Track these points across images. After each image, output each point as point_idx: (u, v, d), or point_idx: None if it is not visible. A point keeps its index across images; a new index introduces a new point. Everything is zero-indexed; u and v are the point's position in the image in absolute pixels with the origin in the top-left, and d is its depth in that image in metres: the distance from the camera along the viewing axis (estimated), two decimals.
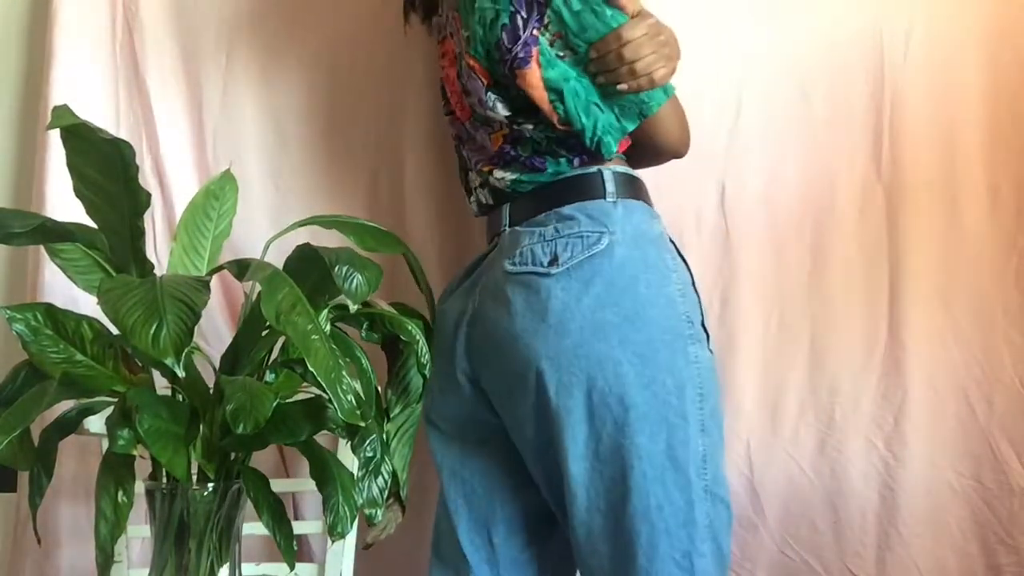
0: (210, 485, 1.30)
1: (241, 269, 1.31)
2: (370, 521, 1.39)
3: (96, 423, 1.40)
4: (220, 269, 1.39)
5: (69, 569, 1.75)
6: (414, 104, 1.79)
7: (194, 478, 1.30)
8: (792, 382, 1.76)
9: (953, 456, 1.74)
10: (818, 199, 1.78)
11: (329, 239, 1.41)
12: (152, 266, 1.32)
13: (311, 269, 1.28)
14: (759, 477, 1.75)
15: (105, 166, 1.25)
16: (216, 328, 1.75)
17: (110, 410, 1.28)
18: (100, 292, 1.16)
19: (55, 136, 1.49)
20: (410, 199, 1.80)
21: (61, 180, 1.54)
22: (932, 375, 1.75)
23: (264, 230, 1.68)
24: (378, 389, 1.39)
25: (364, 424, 1.27)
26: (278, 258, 1.33)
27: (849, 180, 1.78)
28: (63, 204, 1.60)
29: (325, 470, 1.33)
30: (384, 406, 1.42)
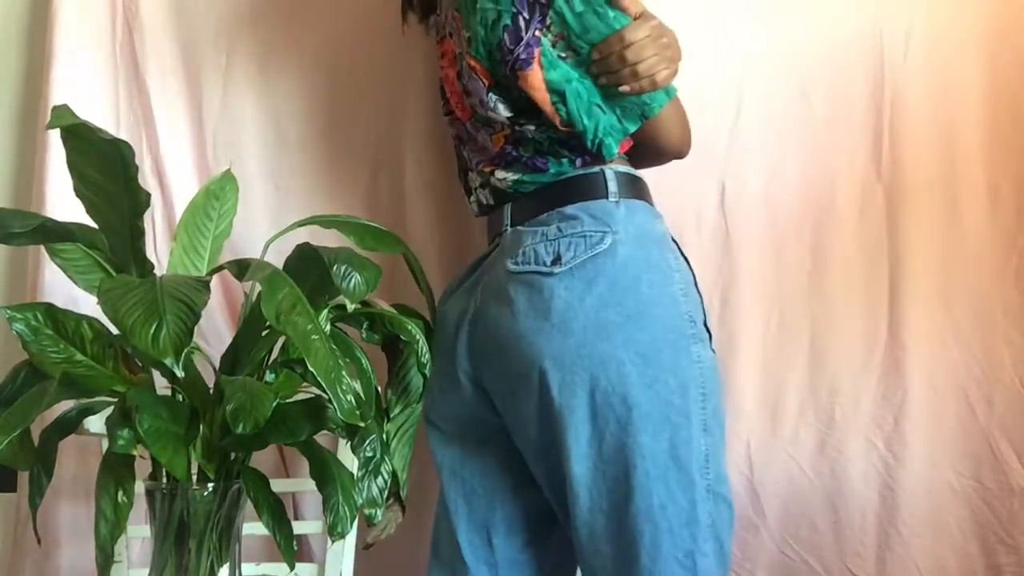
0: (210, 485, 1.30)
1: (241, 269, 1.31)
2: (370, 521, 1.39)
3: (96, 423, 1.40)
4: (220, 269, 1.39)
5: (69, 569, 1.75)
6: (414, 104, 1.79)
7: (194, 478, 1.30)
8: (792, 382, 1.76)
9: (953, 456, 1.74)
10: (818, 199, 1.78)
11: (329, 239, 1.41)
12: (152, 266, 1.32)
13: (311, 269, 1.28)
14: (759, 477, 1.75)
15: (105, 166, 1.25)
16: (216, 328, 1.75)
17: (110, 410, 1.28)
18: (100, 292, 1.16)
19: (55, 136, 1.49)
20: (410, 199, 1.80)
21: (61, 180, 1.55)
22: (932, 375, 1.75)
23: (264, 230, 1.68)
24: (378, 389, 1.39)
25: (364, 424, 1.27)
26: (278, 258, 1.33)
27: (849, 180, 1.78)
28: (63, 204, 1.60)
29: (325, 470, 1.33)
30: (384, 406, 1.43)
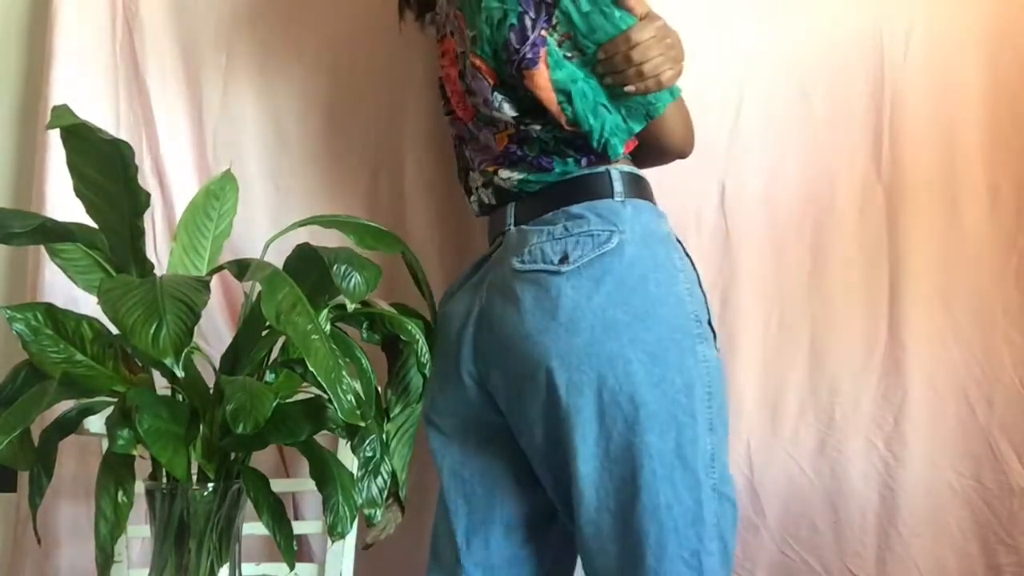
0: (210, 485, 1.30)
1: (241, 269, 1.31)
2: (369, 521, 1.39)
3: (96, 423, 1.40)
4: (220, 269, 1.39)
5: (69, 569, 1.75)
6: (414, 104, 1.79)
7: (194, 478, 1.30)
8: (792, 382, 1.76)
9: (953, 456, 1.74)
10: (818, 199, 1.78)
11: (329, 239, 1.41)
12: (152, 266, 1.32)
13: (310, 269, 1.28)
14: (759, 477, 1.75)
15: (105, 166, 1.25)
16: (216, 328, 1.75)
17: (110, 410, 1.28)
18: (100, 292, 1.16)
19: (55, 136, 1.49)
20: (410, 199, 1.80)
21: (61, 180, 1.55)
22: (932, 375, 1.75)
23: (264, 230, 1.68)
24: (378, 389, 1.39)
25: (364, 424, 1.27)
26: (278, 258, 1.33)
27: (849, 180, 1.78)
28: (63, 204, 1.60)
29: (325, 470, 1.33)
30: (384, 406, 1.43)
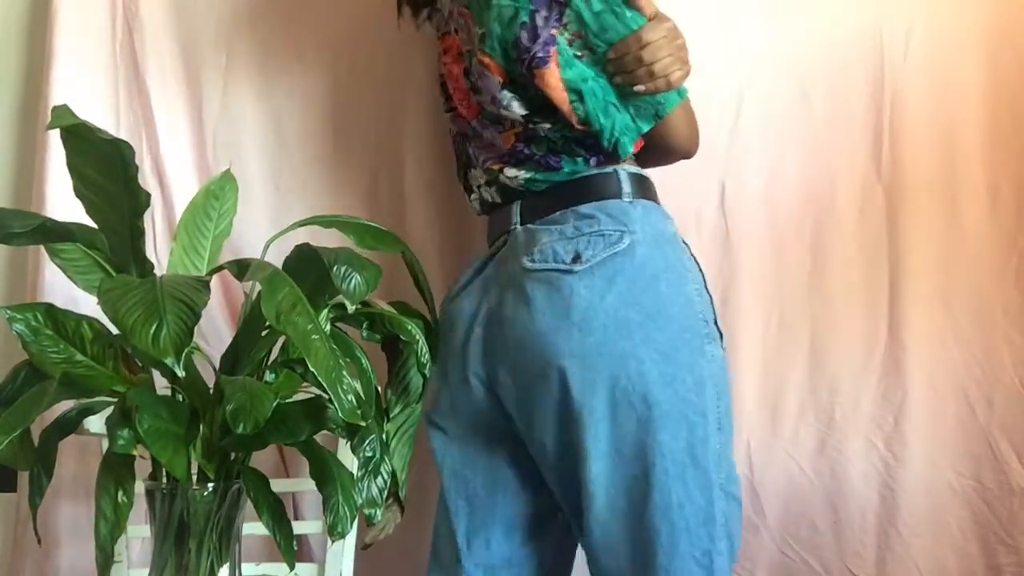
0: (210, 485, 1.30)
1: (241, 269, 1.31)
2: (370, 521, 1.38)
3: (96, 423, 1.40)
4: (220, 269, 1.39)
5: (69, 569, 1.75)
6: (414, 104, 1.79)
7: (194, 478, 1.30)
8: (792, 382, 1.76)
9: (953, 456, 1.74)
10: (818, 199, 1.78)
11: (329, 239, 1.41)
12: (152, 266, 1.32)
13: (310, 269, 1.28)
14: (759, 477, 1.75)
15: (105, 166, 1.25)
16: (216, 328, 1.75)
17: (110, 410, 1.28)
18: (100, 292, 1.16)
19: (55, 136, 1.49)
20: (410, 199, 1.80)
21: (61, 180, 1.55)
22: (932, 375, 1.75)
23: (264, 230, 1.68)
24: (378, 389, 1.39)
25: (364, 424, 1.27)
26: (278, 258, 1.33)
27: (849, 180, 1.78)
28: (63, 204, 1.59)
29: (325, 470, 1.33)
30: (384, 406, 1.42)
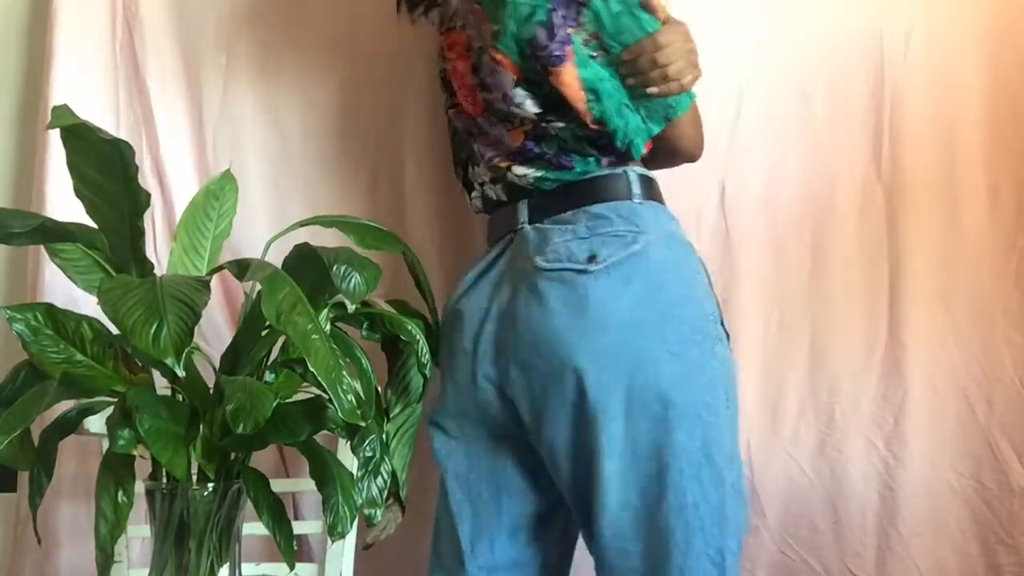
0: (210, 485, 1.30)
1: (241, 269, 1.31)
2: (370, 521, 1.39)
3: (96, 423, 1.40)
4: (220, 269, 1.39)
5: (69, 569, 1.75)
6: (414, 104, 1.79)
7: (194, 478, 1.30)
8: (792, 382, 1.76)
9: (953, 456, 1.74)
10: (818, 199, 1.78)
11: (329, 239, 1.41)
12: (152, 266, 1.32)
13: (310, 269, 1.28)
14: (759, 477, 1.75)
15: (105, 166, 1.25)
16: (216, 328, 1.75)
17: (110, 410, 1.28)
18: (100, 292, 1.16)
19: (55, 136, 1.49)
20: (410, 199, 1.80)
21: (61, 180, 1.54)
22: (932, 375, 1.75)
23: (264, 230, 1.68)
24: (378, 389, 1.39)
25: (364, 424, 1.27)
26: (278, 258, 1.33)
27: (849, 180, 1.78)
28: (63, 204, 1.59)
29: (325, 470, 1.33)
30: (384, 406, 1.43)
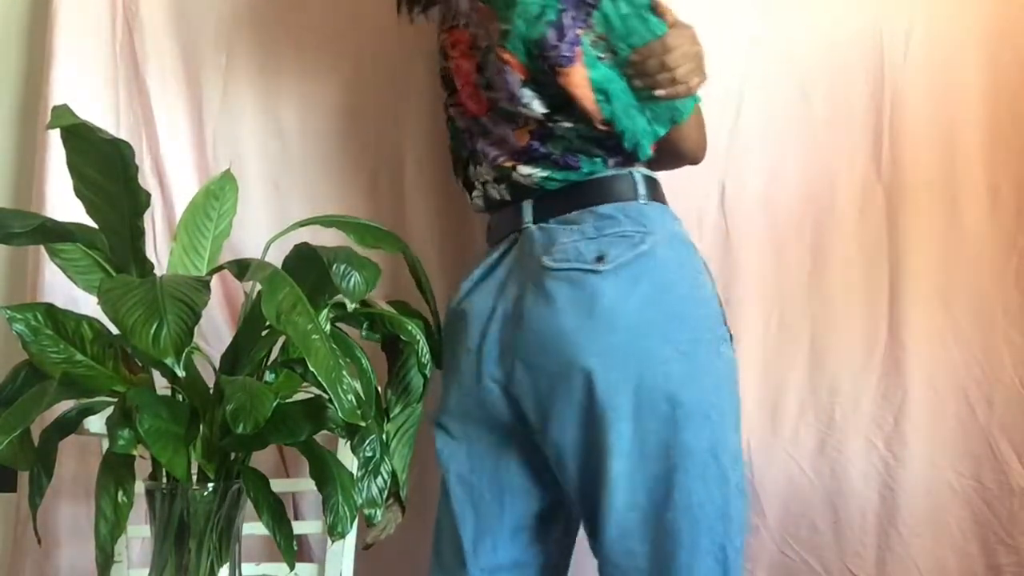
0: (210, 485, 1.30)
1: (241, 269, 1.31)
2: (370, 521, 1.39)
3: (96, 423, 1.40)
4: (220, 269, 1.39)
5: (69, 569, 1.75)
6: (414, 104, 1.79)
7: (194, 478, 1.30)
8: (792, 382, 1.76)
9: (953, 456, 1.74)
10: (818, 199, 1.78)
11: (329, 239, 1.41)
12: (152, 266, 1.32)
13: (310, 268, 1.28)
14: (759, 477, 1.75)
15: (105, 166, 1.25)
16: (216, 328, 1.75)
17: (110, 410, 1.28)
18: (100, 292, 1.16)
19: (55, 136, 1.49)
20: (410, 199, 1.80)
21: (61, 180, 1.54)
22: (932, 375, 1.75)
23: (264, 230, 1.68)
24: (378, 389, 1.39)
25: (364, 424, 1.27)
26: (278, 258, 1.33)
27: (849, 180, 1.78)
28: (63, 204, 1.59)
29: (325, 470, 1.33)
30: (384, 406, 1.43)
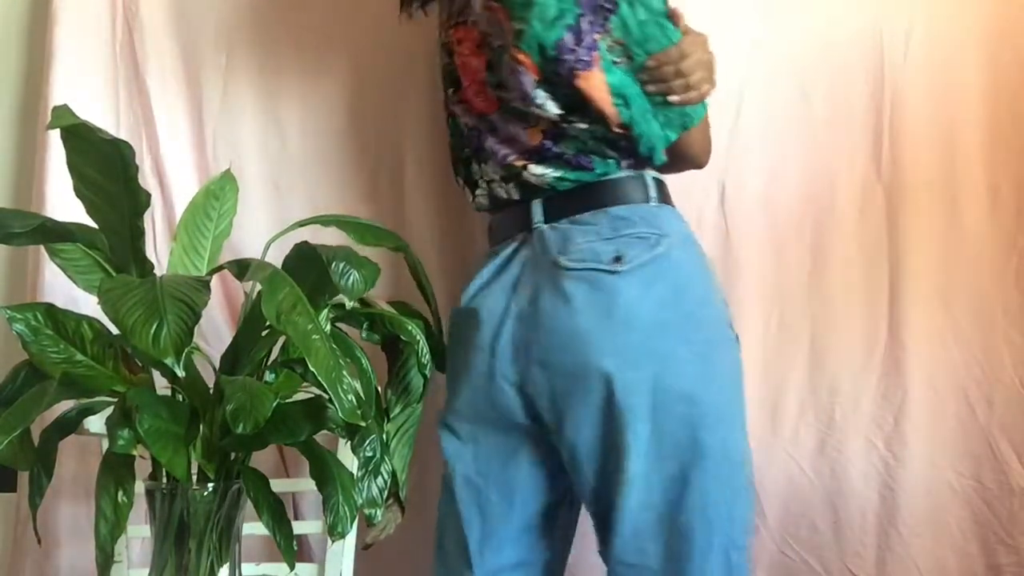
0: (210, 485, 1.30)
1: (241, 269, 1.31)
2: (370, 521, 1.39)
3: (96, 423, 1.40)
4: (220, 269, 1.39)
5: (69, 569, 1.75)
6: (414, 103, 1.79)
7: (194, 478, 1.30)
8: (792, 382, 1.76)
9: (953, 456, 1.74)
10: (818, 199, 1.78)
11: (329, 238, 1.41)
12: (152, 266, 1.32)
13: (310, 268, 1.28)
14: (759, 477, 1.72)
15: (105, 166, 1.25)
16: (216, 328, 1.75)
17: (110, 410, 1.28)
18: (100, 292, 1.16)
19: (55, 136, 1.49)
20: (410, 199, 1.80)
21: (61, 180, 1.55)
22: (932, 375, 1.75)
23: (264, 230, 1.68)
24: (378, 389, 1.39)
25: (364, 424, 1.27)
26: (278, 258, 1.33)
27: (849, 180, 1.78)
28: (63, 204, 1.60)
29: (325, 470, 1.33)
30: (384, 406, 1.43)
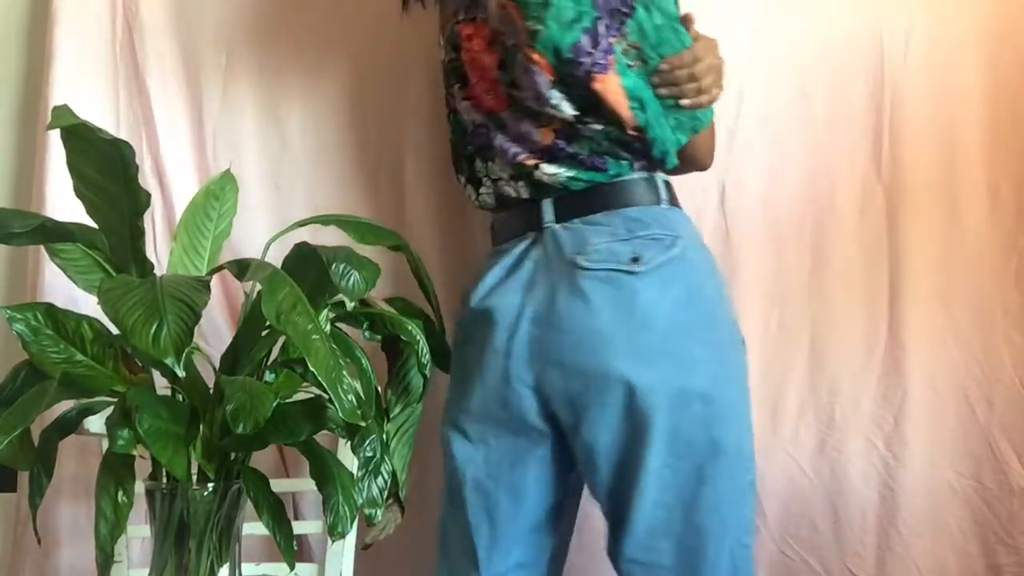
0: (210, 485, 1.30)
1: (241, 269, 1.31)
2: (370, 521, 1.39)
3: (96, 423, 1.40)
4: (220, 269, 1.39)
5: (69, 569, 1.75)
6: (414, 103, 1.79)
7: (194, 478, 1.30)
8: (792, 382, 1.76)
9: (953, 456, 1.74)
10: (818, 199, 1.78)
11: (329, 238, 1.41)
12: (152, 266, 1.32)
13: (310, 268, 1.28)
14: (759, 477, 1.73)
15: (105, 166, 1.25)
16: (216, 328, 1.75)
17: (110, 410, 1.28)
18: (100, 292, 1.16)
19: (55, 136, 1.49)
20: (410, 199, 1.80)
21: (61, 180, 1.55)
22: (932, 375, 1.75)
23: (264, 230, 1.68)
24: (378, 389, 1.39)
25: (364, 424, 1.27)
26: (278, 258, 1.33)
27: (849, 180, 1.78)
28: (63, 204, 1.60)
29: (325, 470, 1.33)
30: (384, 406, 1.43)
